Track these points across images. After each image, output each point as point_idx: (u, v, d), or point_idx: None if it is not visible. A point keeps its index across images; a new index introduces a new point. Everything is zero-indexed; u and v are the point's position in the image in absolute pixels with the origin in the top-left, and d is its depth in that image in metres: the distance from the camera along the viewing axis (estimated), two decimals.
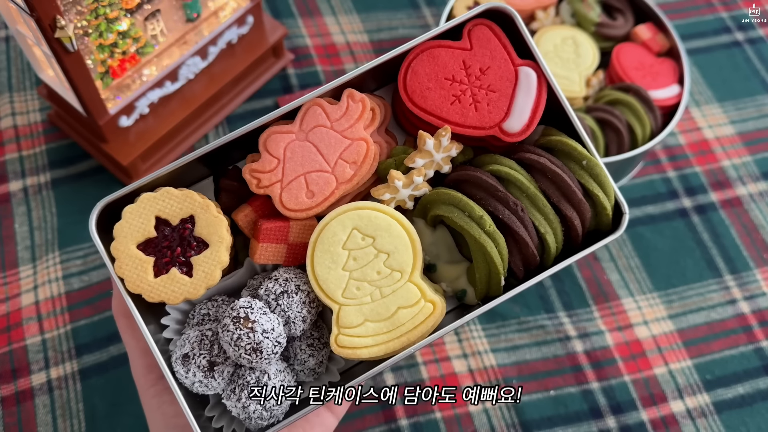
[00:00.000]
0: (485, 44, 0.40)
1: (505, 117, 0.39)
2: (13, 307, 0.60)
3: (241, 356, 0.37)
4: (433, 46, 0.40)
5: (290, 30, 0.78)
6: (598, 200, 0.39)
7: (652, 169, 0.73)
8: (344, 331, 0.38)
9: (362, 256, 0.38)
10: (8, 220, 0.65)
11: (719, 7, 0.85)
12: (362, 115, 0.39)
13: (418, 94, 0.40)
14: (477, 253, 0.39)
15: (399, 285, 0.38)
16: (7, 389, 0.57)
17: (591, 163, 0.39)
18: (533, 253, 0.39)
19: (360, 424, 0.57)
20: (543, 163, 0.39)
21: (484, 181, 0.38)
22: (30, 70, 0.73)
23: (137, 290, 0.38)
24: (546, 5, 0.74)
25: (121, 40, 0.57)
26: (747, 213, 0.71)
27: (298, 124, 0.40)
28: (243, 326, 0.36)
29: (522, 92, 0.39)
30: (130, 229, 0.38)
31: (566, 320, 0.63)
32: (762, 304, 0.66)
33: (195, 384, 0.38)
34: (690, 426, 0.59)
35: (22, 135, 0.69)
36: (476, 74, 0.40)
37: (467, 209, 0.38)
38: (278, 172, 0.39)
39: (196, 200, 0.38)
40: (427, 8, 0.82)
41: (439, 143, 0.39)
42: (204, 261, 0.38)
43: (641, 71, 0.70)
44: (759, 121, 0.77)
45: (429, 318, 0.38)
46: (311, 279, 0.39)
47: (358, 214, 0.38)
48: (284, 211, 0.40)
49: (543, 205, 0.39)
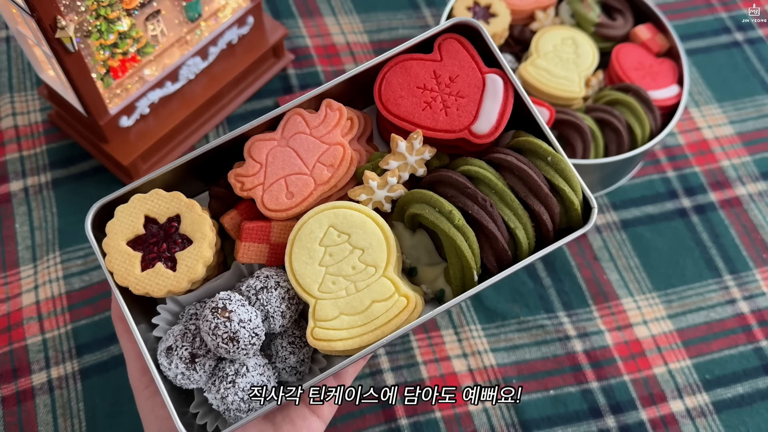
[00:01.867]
0: (454, 55, 0.43)
1: (474, 120, 0.41)
2: (14, 306, 0.61)
3: (219, 345, 0.38)
4: (406, 58, 0.43)
5: (290, 30, 0.78)
6: (564, 195, 0.41)
7: (652, 169, 0.73)
8: (320, 324, 0.39)
9: (338, 252, 0.40)
10: (9, 220, 0.65)
11: (718, 7, 0.85)
12: (339, 122, 0.42)
13: (392, 102, 0.42)
14: (449, 248, 0.41)
15: (373, 279, 0.39)
16: (7, 389, 0.57)
17: (556, 159, 0.41)
18: (504, 247, 0.40)
19: (360, 424, 0.57)
20: (510, 161, 0.41)
21: (454, 179, 0.41)
22: (31, 71, 0.73)
23: (125, 283, 0.40)
24: (545, 6, 0.74)
25: (122, 40, 0.58)
26: (746, 213, 0.71)
27: (280, 132, 0.43)
28: (220, 315, 0.38)
29: (489, 97, 0.42)
30: (120, 227, 0.41)
31: (566, 320, 0.64)
32: (761, 303, 0.66)
33: (178, 376, 0.39)
34: (689, 426, 0.59)
35: (22, 135, 0.69)
36: (446, 82, 0.42)
37: (437, 205, 0.40)
38: (260, 176, 0.42)
39: (182, 200, 0.41)
40: (427, 8, 0.82)
41: (412, 146, 0.41)
42: (187, 256, 0.40)
43: (641, 71, 0.70)
44: (758, 121, 0.77)
45: (403, 311, 0.39)
46: (289, 274, 0.40)
47: (335, 212, 0.40)
48: (266, 211, 0.42)
49: (511, 200, 0.41)
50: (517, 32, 0.73)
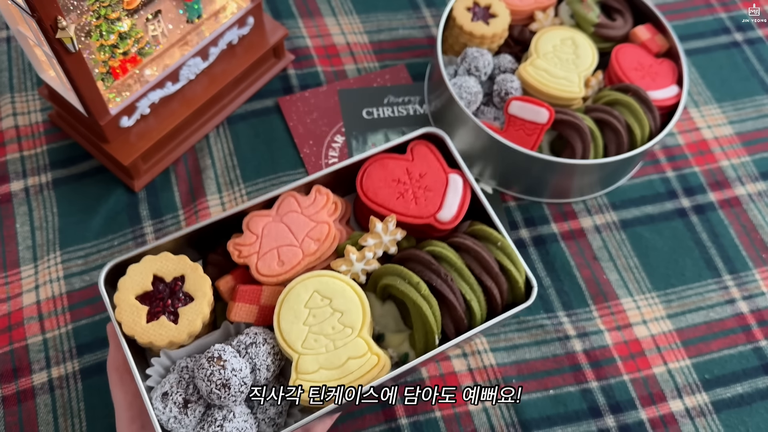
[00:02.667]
0: (423, 157, 0.52)
1: (438, 209, 0.50)
2: (15, 306, 0.61)
3: (212, 391, 0.43)
4: (384, 157, 0.52)
5: (291, 31, 0.78)
6: (511, 274, 0.49)
7: (651, 169, 0.73)
8: (302, 376, 0.44)
9: (320, 313, 0.46)
10: (9, 219, 0.65)
11: (718, 7, 0.86)
12: (326, 204, 0.50)
13: (371, 191, 0.51)
14: (415, 314, 0.47)
15: (350, 339, 0.45)
16: (8, 389, 0.57)
17: (504, 244, 0.50)
18: (461, 316, 0.47)
19: (360, 424, 0.57)
20: (467, 244, 0.49)
21: (422, 257, 0.48)
22: (31, 71, 0.73)
23: (131, 332, 0.45)
24: (545, 6, 0.74)
25: (122, 40, 0.58)
26: (746, 213, 0.71)
27: (275, 210, 0.50)
28: (216, 363, 0.43)
29: (451, 192, 0.51)
30: (131, 283, 0.46)
31: (565, 320, 0.64)
32: (761, 303, 0.66)
33: (170, 420, 0.44)
34: (689, 425, 0.59)
35: (23, 135, 0.69)
36: (416, 178, 0.51)
37: (407, 277, 0.47)
38: (256, 245, 0.49)
39: (187, 263, 0.47)
40: (427, 9, 0.82)
41: (387, 227, 0.49)
42: (188, 311, 0.46)
43: (640, 72, 0.70)
44: (758, 122, 0.77)
45: (374, 368, 0.44)
46: (276, 331, 0.45)
47: (319, 280, 0.46)
48: (259, 277, 0.48)
49: (468, 277, 0.48)
50: (516, 33, 0.74)
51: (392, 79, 0.76)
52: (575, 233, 0.68)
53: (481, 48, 0.71)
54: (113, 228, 0.65)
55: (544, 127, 0.64)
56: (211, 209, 0.67)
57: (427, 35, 0.80)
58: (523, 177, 0.68)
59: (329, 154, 0.71)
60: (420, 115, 0.74)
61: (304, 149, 0.71)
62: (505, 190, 0.70)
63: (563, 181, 0.67)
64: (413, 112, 0.75)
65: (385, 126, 0.73)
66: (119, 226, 0.65)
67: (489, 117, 0.70)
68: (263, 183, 0.69)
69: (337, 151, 0.71)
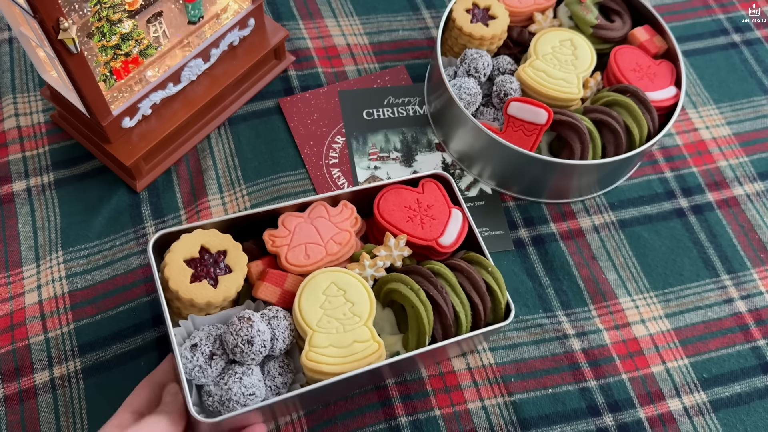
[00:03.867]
0: (432, 192, 0.61)
1: (441, 235, 0.58)
2: (17, 306, 0.61)
3: (237, 344, 0.49)
4: (399, 187, 0.61)
5: (291, 32, 0.79)
6: (495, 295, 0.57)
7: (649, 169, 0.73)
8: (314, 349, 0.51)
9: (335, 301, 0.53)
10: (12, 220, 0.65)
11: (716, 9, 0.86)
12: (350, 216, 0.59)
13: (386, 212, 0.59)
14: (411, 316, 0.54)
15: (357, 326, 0.53)
16: (10, 388, 0.58)
17: (494, 270, 0.57)
18: (449, 323, 0.55)
19: (360, 422, 0.58)
20: (462, 266, 0.57)
21: (423, 270, 0.57)
22: (33, 72, 0.73)
23: (176, 287, 0.52)
24: (544, 8, 0.74)
25: (124, 42, 0.58)
26: (744, 213, 0.71)
27: (307, 214, 0.59)
28: (245, 322, 0.49)
29: (452, 223, 0.59)
30: (182, 248, 0.54)
31: (564, 319, 0.64)
32: (758, 303, 0.66)
33: (195, 368, 0.49)
34: (687, 424, 0.60)
35: (25, 136, 0.70)
36: (424, 207, 0.60)
37: (409, 284, 0.55)
38: (288, 239, 0.57)
39: (230, 241, 0.55)
40: (427, 11, 0.83)
41: (398, 243, 0.57)
42: (226, 280, 0.53)
43: (638, 73, 0.70)
44: (755, 122, 0.78)
45: (374, 353, 0.52)
46: (296, 310, 0.53)
47: (337, 274, 0.55)
48: (286, 265, 0.55)
49: (459, 292, 0.56)
50: (515, 34, 0.74)
51: (392, 80, 0.77)
52: (574, 233, 0.69)
53: (480, 49, 0.71)
54: (115, 228, 0.66)
55: (543, 127, 0.65)
56: (212, 209, 0.67)
57: (427, 36, 0.81)
58: (522, 177, 0.68)
59: (330, 154, 0.72)
60: (420, 116, 0.75)
61: (304, 150, 0.71)
62: (504, 190, 0.71)
63: (562, 181, 0.67)
64: (413, 113, 0.75)
65: (385, 127, 0.74)
66: (121, 226, 0.66)
67: (488, 118, 0.70)
68: (264, 183, 0.69)
69: (338, 152, 0.72)
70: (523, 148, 0.64)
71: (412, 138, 0.74)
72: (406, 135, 0.74)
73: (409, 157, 0.72)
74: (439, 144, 0.73)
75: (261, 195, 0.68)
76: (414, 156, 0.72)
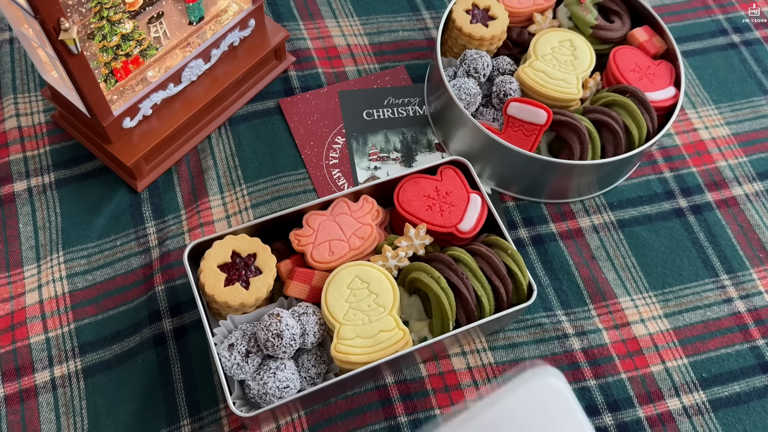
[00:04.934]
0: (450, 179, 0.62)
1: (460, 221, 0.60)
2: (18, 306, 0.61)
3: (268, 339, 0.52)
4: (418, 176, 0.62)
5: (292, 32, 0.79)
6: (517, 277, 0.58)
7: (649, 169, 0.74)
8: (342, 341, 0.54)
9: (360, 294, 0.56)
10: (13, 220, 0.65)
11: (715, 9, 0.86)
12: (371, 210, 0.61)
13: (406, 203, 0.61)
14: (435, 304, 0.56)
15: (382, 316, 0.55)
16: (10, 387, 0.58)
17: (514, 252, 0.58)
18: (472, 308, 0.56)
19: (360, 421, 0.58)
20: (482, 251, 0.58)
21: (444, 258, 0.58)
22: (34, 72, 0.74)
23: (212, 292, 0.55)
24: (544, 8, 0.75)
25: (125, 42, 0.58)
26: (743, 213, 0.72)
27: (330, 211, 0.61)
28: (274, 318, 0.53)
29: (471, 208, 0.60)
30: (215, 255, 0.57)
31: (564, 318, 0.64)
32: (758, 303, 0.66)
33: (233, 366, 0.53)
34: (686, 423, 0.60)
35: (26, 136, 0.70)
36: (443, 195, 0.61)
37: (430, 273, 0.56)
38: (312, 237, 0.59)
39: (259, 244, 0.58)
40: (427, 11, 0.83)
41: (418, 233, 0.59)
42: (257, 281, 0.57)
43: (638, 73, 0.71)
44: (754, 122, 0.78)
45: (399, 342, 0.54)
46: (323, 305, 0.55)
47: (361, 268, 0.57)
48: (312, 263, 0.58)
49: (480, 277, 0.57)
50: (515, 35, 0.74)
51: (392, 80, 0.77)
52: (573, 233, 0.69)
53: (480, 50, 0.71)
54: (116, 228, 0.66)
55: (543, 128, 0.65)
56: (213, 209, 0.67)
57: (427, 37, 0.81)
58: (522, 177, 0.68)
59: (330, 155, 0.72)
60: (420, 116, 0.75)
61: (305, 150, 0.72)
62: (504, 190, 0.71)
63: (561, 181, 0.68)
64: (413, 114, 0.75)
65: (385, 127, 0.74)
66: (122, 226, 0.66)
67: (488, 118, 0.70)
68: (265, 183, 0.69)
69: (338, 152, 0.72)
70: (523, 149, 0.65)
71: (412, 138, 0.74)
72: (406, 135, 0.74)
73: (409, 158, 0.72)
74: (438, 144, 0.73)
75: (261, 195, 0.68)
76: (414, 156, 0.73)
